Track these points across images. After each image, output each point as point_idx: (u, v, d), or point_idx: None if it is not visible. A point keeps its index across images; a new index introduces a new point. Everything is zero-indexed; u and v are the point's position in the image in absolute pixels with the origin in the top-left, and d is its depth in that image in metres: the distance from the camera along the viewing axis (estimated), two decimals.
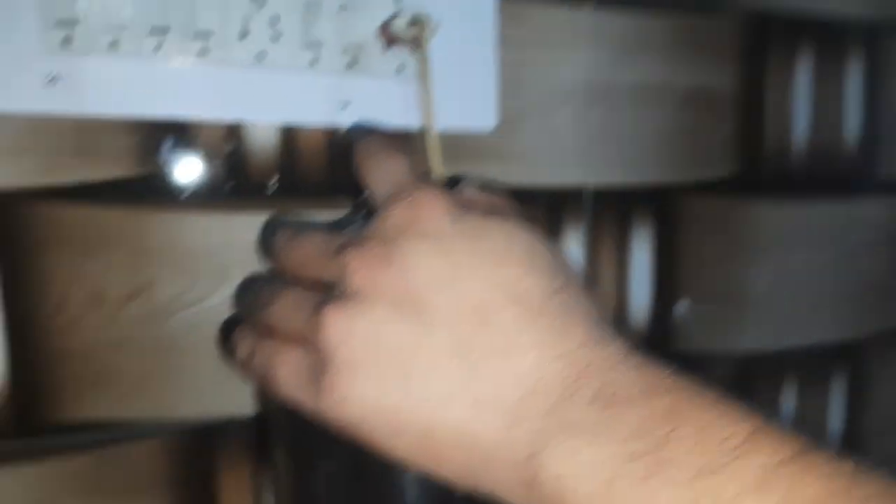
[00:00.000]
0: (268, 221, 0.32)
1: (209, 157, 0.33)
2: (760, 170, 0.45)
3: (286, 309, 0.23)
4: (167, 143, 0.32)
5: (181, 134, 0.32)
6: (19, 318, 0.31)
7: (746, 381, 0.47)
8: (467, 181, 0.26)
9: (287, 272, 0.26)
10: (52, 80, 0.29)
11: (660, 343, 0.43)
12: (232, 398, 0.35)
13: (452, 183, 0.27)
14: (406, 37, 0.30)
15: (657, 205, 0.42)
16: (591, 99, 0.39)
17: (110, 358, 0.33)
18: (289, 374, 0.23)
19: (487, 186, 0.26)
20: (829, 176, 0.47)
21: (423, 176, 0.24)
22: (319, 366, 0.21)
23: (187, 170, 0.33)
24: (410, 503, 0.23)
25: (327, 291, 0.22)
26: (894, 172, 0.49)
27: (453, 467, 0.20)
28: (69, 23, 0.28)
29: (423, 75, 0.31)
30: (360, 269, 0.21)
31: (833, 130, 0.47)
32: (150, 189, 0.32)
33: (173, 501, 0.34)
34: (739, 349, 0.46)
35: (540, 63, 0.38)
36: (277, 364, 0.23)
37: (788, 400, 0.48)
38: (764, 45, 0.44)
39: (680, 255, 0.43)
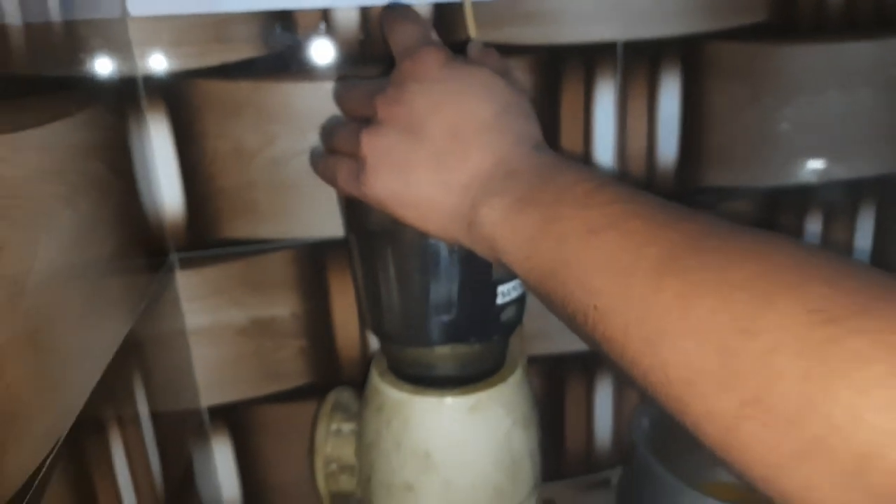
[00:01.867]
0: (337, 79, 0.43)
1: (309, 37, 0.43)
2: (793, 15, 0.49)
3: (342, 135, 0.35)
4: (278, 28, 0.43)
5: (288, 21, 0.43)
6: (188, 168, 0.44)
7: (772, 213, 0.53)
8: (473, 43, 0.36)
9: (345, 112, 0.38)
10: None
11: (689, 179, 0.51)
12: (336, 223, 0.47)
13: (465, 44, 0.36)
14: None
15: (685, 54, 0.48)
16: None
17: (249, 194, 0.45)
18: (344, 174, 0.34)
19: (488, 46, 0.36)
20: (863, 17, 0.50)
21: (426, 38, 0.34)
22: (359, 168, 0.33)
23: (294, 49, 0.43)
24: (427, 249, 0.35)
25: (366, 122, 0.33)
26: None
27: (436, 225, 0.32)
28: None
29: None
30: (382, 106, 0.32)
31: None
32: (270, 65, 0.43)
33: (300, 292, 0.48)
34: (764, 183, 0.52)
35: None
36: (337, 170, 0.35)
37: (813, 228, 0.54)
38: None
39: (706, 100, 0.49)
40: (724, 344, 0.21)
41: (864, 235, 0.55)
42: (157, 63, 0.42)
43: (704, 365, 0.21)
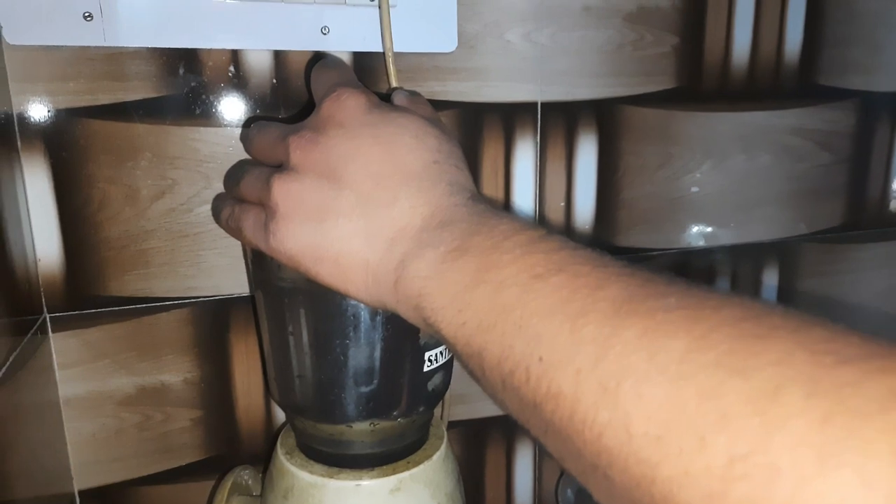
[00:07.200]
0: (247, 121, 0.40)
1: (216, 79, 0.40)
2: (699, 82, 0.50)
3: (250, 181, 0.31)
4: (181, 68, 0.39)
5: (192, 60, 0.39)
6: (70, 215, 0.39)
7: (683, 274, 0.54)
8: (399, 90, 0.33)
9: (254, 155, 0.34)
10: (88, 16, 0.36)
11: (605, 239, 0.51)
12: (240, 278, 0.43)
13: (385, 95, 0.34)
14: None
15: (600, 116, 0.48)
16: (542, 19, 0.45)
17: (143, 245, 0.41)
18: (251, 225, 0.31)
19: (413, 94, 0.34)
20: (767, 87, 0.52)
21: (351, 82, 0.31)
22: (268, 218, 0.29)
23: (199, 90, 0.40)
24: (346, 310, 0.32)
25: (278, 167, 0.30)
26: (830, 83, 0.55)
27: (357, 285, 0.28)
28: None
29: (381, 2, 0.37)
30: (297, 149, 0.29)
31: (773, 42, 0.52)
32: (170, 106, 0.39)
33: (196, 356, 0.43)
34: (675, 246, 0.53)
35: None
36: (244, 219, 0.31)
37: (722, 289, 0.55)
38: None
39: (622, 161, 0.50)
40: (707, 385, 0.17)
41: (768, 298, 0.57)
42: (37, 99, 0.37)
43: (680, 413, 0.17)
